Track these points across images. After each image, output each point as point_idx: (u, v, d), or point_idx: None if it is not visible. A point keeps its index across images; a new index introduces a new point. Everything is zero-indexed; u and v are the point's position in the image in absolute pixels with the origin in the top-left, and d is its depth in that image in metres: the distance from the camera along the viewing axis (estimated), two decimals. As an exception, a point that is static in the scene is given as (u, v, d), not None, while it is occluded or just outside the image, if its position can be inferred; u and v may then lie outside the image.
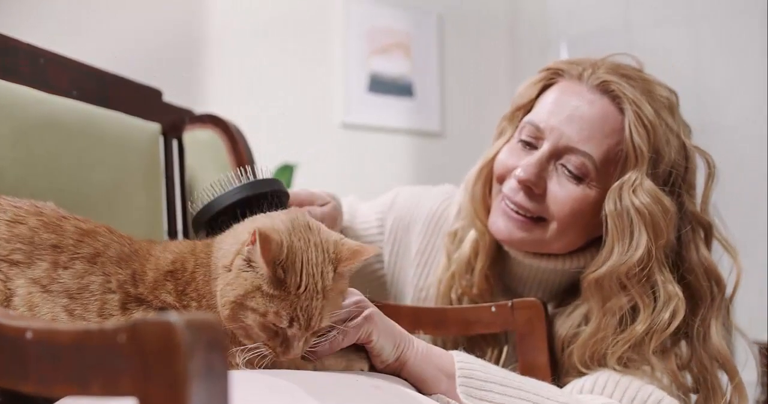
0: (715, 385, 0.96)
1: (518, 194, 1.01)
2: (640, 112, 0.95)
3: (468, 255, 1.09)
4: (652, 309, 0.93)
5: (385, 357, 0.81)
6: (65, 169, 1.00)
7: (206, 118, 1.31)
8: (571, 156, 0.98)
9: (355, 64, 2.75)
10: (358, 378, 0.73)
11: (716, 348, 0.95)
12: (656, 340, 0.93)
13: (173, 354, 0.39)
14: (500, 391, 0.82)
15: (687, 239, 0.99)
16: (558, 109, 1.00)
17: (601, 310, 0.96)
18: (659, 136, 0.96)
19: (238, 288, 0.70)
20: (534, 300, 0.99)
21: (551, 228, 1.00)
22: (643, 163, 0.94)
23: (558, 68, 1.04)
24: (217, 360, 0.40)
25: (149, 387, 0.39)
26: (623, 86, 0.97)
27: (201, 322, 0.40)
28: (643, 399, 0.90)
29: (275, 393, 0.60)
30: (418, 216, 1.21)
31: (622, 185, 0.95)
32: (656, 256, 0.93)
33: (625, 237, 0.94)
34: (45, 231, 0.79)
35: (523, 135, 1.03)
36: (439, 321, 1.05)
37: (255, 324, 0.69)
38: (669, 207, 0.95)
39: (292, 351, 0.70)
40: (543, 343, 0.98)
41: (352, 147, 2.72)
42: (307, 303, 0.70)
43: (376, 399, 0.66)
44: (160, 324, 0.40)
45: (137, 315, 0.74)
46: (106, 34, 2.11)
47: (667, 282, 0.94)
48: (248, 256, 0.70)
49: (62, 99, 1.04)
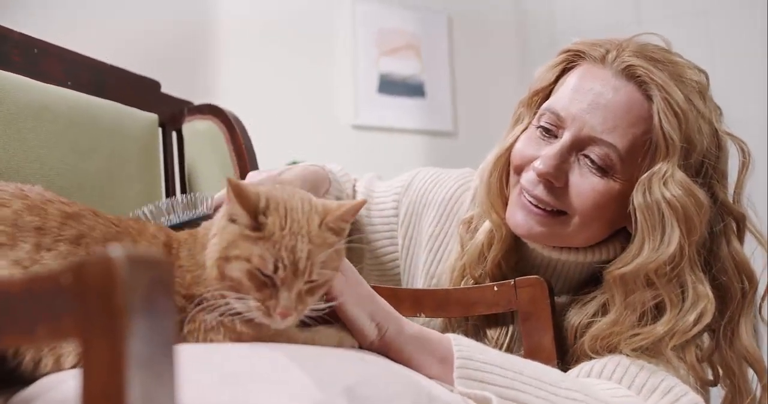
0: (742, 386, 0.90)
1: (538, 187, 0.93)
2: (669, 98, 0.88)
3: (481, 245, 1.03)
4: (678, 311, 0.87)
5: (364, 329, 0.77)
6: (58, 156, 1.00)
7: (205, 109, 1.30)
8: (594, 147, 0.90)
9: (365, 65, 2.74)
10: (345, 351, 0.70)
11: (745, 347, 0.89)
12: (676, 341, 0.86)
13: (113, 290, 0.37)
14: (501, 374, 0.77)
15: (718, 231, 0.92)
16: (580, 96, 0.92)
17: (623, 304, 0.89)
18: (691, 123, 0.88)
19: (222, 242, 0.69)
20: (537, 277, 0.95)
21: (573, 223, 0.93)
22: (675, 154, 0.87)
23: (579, 50, 0.96)
24: (161, 298, 0.38)
25: (90, 327, 0.37)
26: (651, 71, 0.89)
27: (144, 257, 0.38)
28: (654, 386, 0.84)
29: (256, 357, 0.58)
30: (432, 201, 1.15)
31: (652, 177, 0.88)
32: (688, 254, 0.86)
33: (656, 233, 0.87)
34: (29, 214, 0.78)
35: (542, 122, 0.95)
36: (440, 303, 1.01)
37: (242, 274, 0.67)
38: (703, 200, 0.88)
39: (281, 302, 0.67)
40: (548, 324, 0.94)
41: (364, 148, 2.71)
42: (291, 245, 0.67)
43: (358, 369, 0.64)
44: (101, 261, 0.38)
45: None
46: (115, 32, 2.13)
47: (697, 282, 0.87)
48: (229, 211, 0.69)
49: (56, 87, 1.04)
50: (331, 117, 2.69)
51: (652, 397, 0.83)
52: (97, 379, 0.36)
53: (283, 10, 2.60)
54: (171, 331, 0.38)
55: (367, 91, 2.75)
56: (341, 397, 0.54)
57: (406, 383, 0.66)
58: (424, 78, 2.87)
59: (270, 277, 0.68)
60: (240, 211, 0.68)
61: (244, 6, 2.52)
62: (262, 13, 2.55)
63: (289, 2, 2.63)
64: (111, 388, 0.36)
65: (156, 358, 0.37)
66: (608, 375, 0.86)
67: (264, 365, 0.57)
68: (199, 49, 2.43)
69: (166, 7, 2.35)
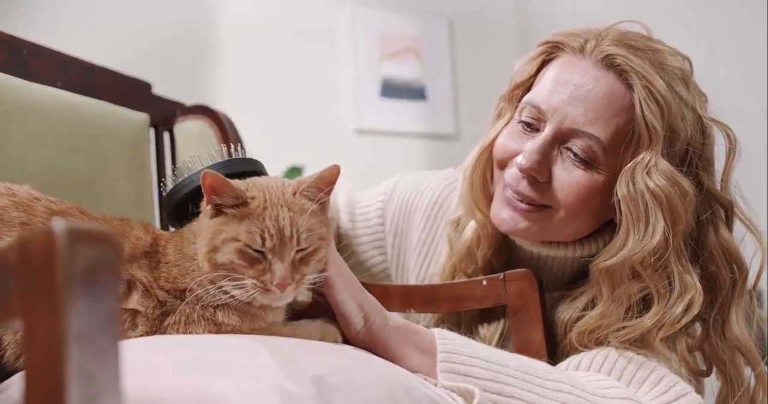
0: (734, 376, 0.87)
1: (521, 183, 0.92)
2: (650, 86, 0.86)
3: (470, 243, 1.02)
4: (666, 302, 0.85)
5: (351, 318, 0.77)
6: (44, 155, 1.00)
7: (197, 109, 1.30)
8: (576, 139, 0.89)
9: (367, 69, 2.74)
10: (322, 343, 0.70)
11: (736, 337, 0.87)
12: (664, 333, 0.85)
13: (52, 264, 0.36)
14: (485, 367, 0.75)
15: (706, 219, 0.90)
16: (560, 88, 0.91)
17: (610, 297, 0.88)
18: (673, 111, 0.86)
19: (207, 236, 0.72)
20: (526, 271, 0.94)
21: (558, 217, 0.92)
22: (658, 142, 0.86)
23: (557, 41, 0.95)
24: (104, 274, 0.37)
25: (32, 302, 0.37)
26: (630, 59, 0.88)
27: (87, 233, 0.37)
28: (643, 378, 0.82)
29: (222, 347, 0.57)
30: (419, 205, 1.14)
31: (635, 167, 0.86)
32: (674, 244, 0.85)
33: (640, 224, 0.86)
34: (15, 210, 0.78)
35: (524, 116, 0.94)
36: (429, 298, 1.00)
37: (233, 255, 0.70)
38: (687, 189, 0.86)
39: (276, 272, 0.69)
40: (537, 318, 0.92)
41: (366, 152, 2.70)
42: (274, 215, 0.71)
43: (332, 359, 0.63)
44: (43, 236, 0.37)
45: None
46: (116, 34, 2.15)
47: (684, 272, 0.86)
48: (214, 202, 0.73)
49: (44, 87, 1.04)
50: (334, 121, 2.69)
51: (642, 389, 0.81)
52: (37, 354, 0.36)
53: (285, 15, 2.61)
54: (114, 309, 0.37)
55: (369, 95, 2.75)
56: (309, 385, 0.53)
57: (381, 374, 0.64)
58: (426, 81, 2.86)
59: (261, 252, 0.70)
60: (227, 195, 0.71)
61: (246, 10, 2.54)
62: (263, 17, 2.56)
63: (290, 7, 2.64)
64: (50, 363, 0.35)
65: (97, 335, 0.36)
66: (597, 367, 0.84)
67: (230, 354, 0.57)
68: (201, 54, 2.45)
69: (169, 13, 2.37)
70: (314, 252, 0.74)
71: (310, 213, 0.73)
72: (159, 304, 0.73)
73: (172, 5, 2.39)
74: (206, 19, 2.48)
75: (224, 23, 2.50)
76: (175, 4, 2.40)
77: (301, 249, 0.72)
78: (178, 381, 0.49)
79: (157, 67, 1.97)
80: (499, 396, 0.73)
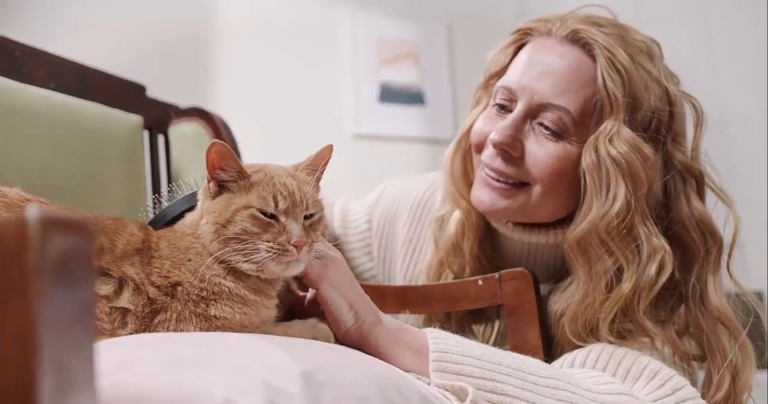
0: (715, 346, 0.88)
1: (496, 160, 0.94)
2: (612, 57, 0.89)
3: (455, 237, 1.03)
4: (637, 265, 0.86)
5: (341, 316, 0.77)
6: (37, 156, 0.99)
7: (192, 112, 1.29)
8: (546, 112, 0.91)
9: (366, 74, 2.74)
10: (313, 341, 0.69)
11: (715, 306, 0.88)
12: (645, 299, 0.85)
13: (24, 253, 0.35)
14: (478, 365, 0.74)
15: (677, 190, 0.92)
16: (529, 68, 0.94)
17: (588, 275, 0.89)
18: (635, 80, 0.89)
19: (214, 214, 0.73)
20: (522, 270, 0.93)
21: (535, 193, 0.94)
22: (619, 111, 0.88)
23: (527, 28, 0.99)
24: (78, 264, 0.36)
25: (3, 292, 0.36)
26: (594, 33, 0.91)
27: (60, 219, 0.36)
28: (638, 373, 0.81)
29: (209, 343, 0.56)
30: (403, 206, 1.16)
31: (599, 136, 0.88)
32: (636, 208, 0.86)
33: (602, 190, 0.88)
34: (6, 211, 0.78)
35: (497, 99, 0.97)
36: (424, 298, 0.99)
37: (246, 223, 0.71)
38: (648, 154, 0.88)
39: (293, 232, 0.71)
40: (533, 317, 0.91)
41: (365, 157, 2.70)
42: (282, 181, 0.73)
43: (322, 356, 0.62)
44: (15, 222, 0.36)
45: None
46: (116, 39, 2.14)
47: (651, 235, 0.87)
48: (214, 178, 0.74)
49: (37, 89, 1.04)
50: (332, 126, 2.68)
51: (638, 384, 0.80)
52: (8, 344, 0.35)
53: (284, 19, 2.61)
54: (89, 299, 0.36)
55: (367, 100, 2.75)
56: (296, 381, 0.52)
57: (372, 371, 0.63)
58: (425, 86, 2.86)
59: (274, 216, 0.72)
60: (232, 168, 0.73)
61: (245, 13, 2.54)
62: (263, 21, 2.56)
63: (289, 11, 2.64)
64: (22, 353, 0.34)
65: (70, 325, 0.35)
66: (591, 364, 0.83)
67: (217, 350, 0.55)
68: (200, 58, 2.44)
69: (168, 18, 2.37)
70: (319, 221, 0.76)
71: (312, 185, 0.76)
72: (149, 302, 0.72)
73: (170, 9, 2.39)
74: (205, 23, 2.48)
75: (224, 27, 2.50)
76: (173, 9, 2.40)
77: (308, 217, 0.74)
78: (162, 376, 0.48)
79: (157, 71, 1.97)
80: (493, 395, 0.72)
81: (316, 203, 0.76)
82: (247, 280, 0.73)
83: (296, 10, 2.65)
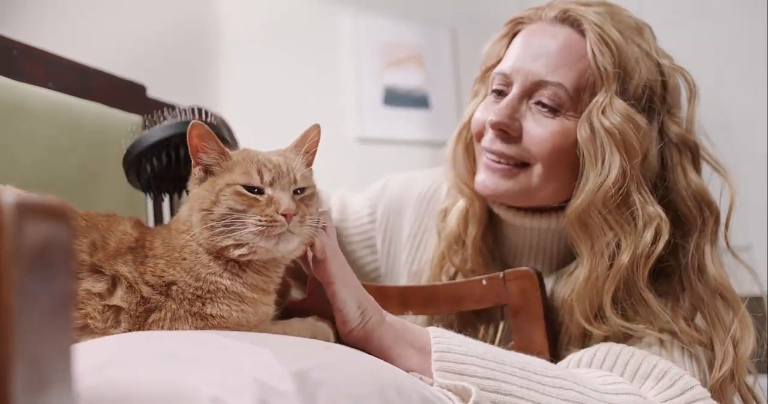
0: (715, 318, 0.86)
1: (495, 142, 0.95)
2: (602, 32, 0.90)
3: (456, 228, 1.02)
4: (634, 235, 0.87)
5: (349, 313, 0.75)
6: (34, 155, 0.98)
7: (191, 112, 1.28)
8: (542, 90, 0.92)
9: (370, 78, 2.73)
10: (310, 340, 0.67)
11: (713, 278, 0.87)
12: (644, 267, 0.85)
13: (0, 238, 0.33)
14: (481, 365, 0.72)
15: (673, 162, 0.92)
16: (523, 51, 0.95)
17: (591, 252, 0.89)
18: (625, 53, 0.90)
19: (199, 199, 0.71)
20: (527, 269, 0.91)
21: (536, 172, 0.94)
22: (610, 83, 0.89)
23: (518, 17, 1.00)
24: (57, 252, 0.34)
25: (-22, 281, 0.34)
26: (582, 10, 0.93)
27: (38, 205, 0.35)
28: (647, 372, 0.79)
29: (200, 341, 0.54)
30: (409, 199, 1.15)
31: (592, 109, 0.89)
32: (632, 177, 0.87)
33: (598, 161, 0.88)
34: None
35: (494, 85, 0.97)
36: (428, 299, 0.97)
37: (232, 200, 0.69)
38: (641, 123, 0.89)
39: (280, 201, 0.69)
40: (539, 317, 0.89)
41: (369, 161, 2.68)
42: (265, 157, 0.71)
43: (319, 354, 0.60)
44: (-9, 209, 0.34)
45: (86, 285, 0.71)
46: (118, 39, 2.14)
47: (646, 203, 0.87)
48: (199, 162, 0.72)
49: (35, 87, 1.03)
50: (337, 130, 2.67)
51: (646, 383, 0.78)
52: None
53: (289, 22, 2.60)
54: (66, 289, 0.35)
55: (371, 104, 2.73)
56: (291, 379, 0.50)
57: (371, 370, 0.61)
58: (429, 90, 2.85)
59: (259, 189, 0.70)
60: (213, 149, 0.71)
61: (248, 17, 2.54)
62: (265, 25, 2.56)
63: (293, 15, 2.64)
64: (-6, 346, 0.32)
65: (47, 316, 0.34)
66: (598, 364, 0.81)
67: (209, 348, 0.54)
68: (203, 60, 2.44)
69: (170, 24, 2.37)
70: (311, 197, 0.74)
71: (300, 162, 0.74)
72: (143, 301, 0.70)
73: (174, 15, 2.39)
74: (210, 25, 2.48)
75: (227, 30, 2.50)
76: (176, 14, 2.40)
77: (297, 191, 0.72)
78: (150, 374, 0.46)
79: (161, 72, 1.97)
80: (497, 395, 0.70)
81: (306, 179, 0.73)
82: (244, 276, 0.71)
83: (300, 12, 2.65)
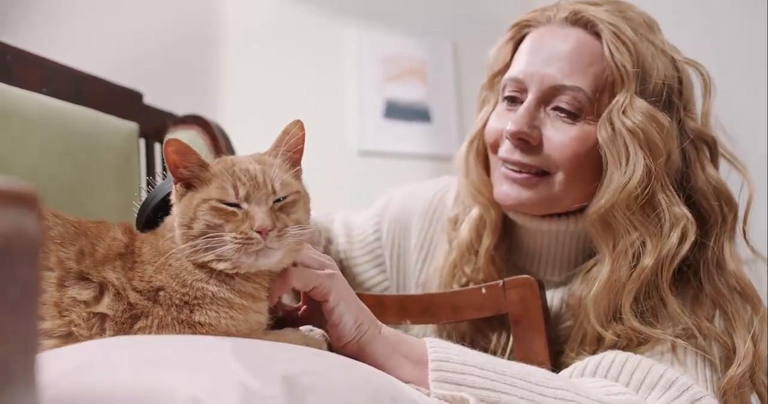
0: (735, 314, 0.84)
1: (515, 153, 0.91)
2: (617, 30, 0.88)
3: (469, 238, 0.99)
4: (659, 236, 0.84)
5: (345, 329, 0.72)
6: (26, 160, 0.96)
7: (189, 119, 1.27)
8: (560, 95, 0.89)
9: (371, 91, 2.72)
10: (300, 347, 0.64)
11: (733, 274, 0.85)
12: (668, 269, 0.82)
13: (-40, 225, 0.31)
14: (480, 375, 0.70)
15: (692, 158, 0.90)
16: (534, 55, 0.92)
17: (613, 253, 0.85)
18: (642, 51, 0.88)
19: (182, 208, 0.69)
20: (527, 277, 0.88)
21: (558, 180, 0.90)
22: (630, 82, 0.87)
23: (524, 20, 0.97)
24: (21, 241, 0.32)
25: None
26: (592, 10, 0.90)
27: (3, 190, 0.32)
28: (653, 382, 0.76)
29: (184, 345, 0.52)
30: (415, 210, 1.12)
31: (612, 110, 0.86)
32: (657, 177, 0.84)
33: (622, 162, 0.85)
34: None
35: (506, 92, 0.94)
36: (426, 308, 0.94)
37: (209, 216, 0.67)
38: (664, 122, 0.86)
39: (255, 216, 0.66)
40: (539, 326, 0.86)
41: (370, 174, 2.66)
42: (243, 168, 0.69)
43: (308, 360, 0.57)
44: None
45: (72, 293, 0.69)
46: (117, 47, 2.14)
47: (672, 204, 0.85)
48: (178, 176, 0.70)
49: (28, 93, 1.01)
50: (338, 143, 2.66)
51: (653, 393, 0.75)
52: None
53: (290, 35, 2.60)
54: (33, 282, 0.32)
55: (373, 117, 2.72)
56: (277, 384, 0.47)
57: (363, 377, 0.59)
58: (430, 103, 2.84)
59: (236, 205, 0.68)
60: (192, 163, 0.69)
61: (249, 29, 2.54)
62: (267, 37, 2.56)
63: (294, 29, 2.64)
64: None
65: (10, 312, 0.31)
66: (603, 372, 0.78)
67: (190, 352, 0.51)
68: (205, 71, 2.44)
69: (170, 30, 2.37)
70: (293, 204, 0.70)
71: (280, 167, 0.71)
72: (129, 307, 0.68)
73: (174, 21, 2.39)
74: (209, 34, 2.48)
75: (228, 41, 2.50)
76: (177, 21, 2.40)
77: (278, 200, 0.69)
78: (126, 376, 0.44)
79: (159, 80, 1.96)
80: None
81: (286, 186, 0.70)
82: (232, 283, 0.69)
83: (302, 24, 2.65)
